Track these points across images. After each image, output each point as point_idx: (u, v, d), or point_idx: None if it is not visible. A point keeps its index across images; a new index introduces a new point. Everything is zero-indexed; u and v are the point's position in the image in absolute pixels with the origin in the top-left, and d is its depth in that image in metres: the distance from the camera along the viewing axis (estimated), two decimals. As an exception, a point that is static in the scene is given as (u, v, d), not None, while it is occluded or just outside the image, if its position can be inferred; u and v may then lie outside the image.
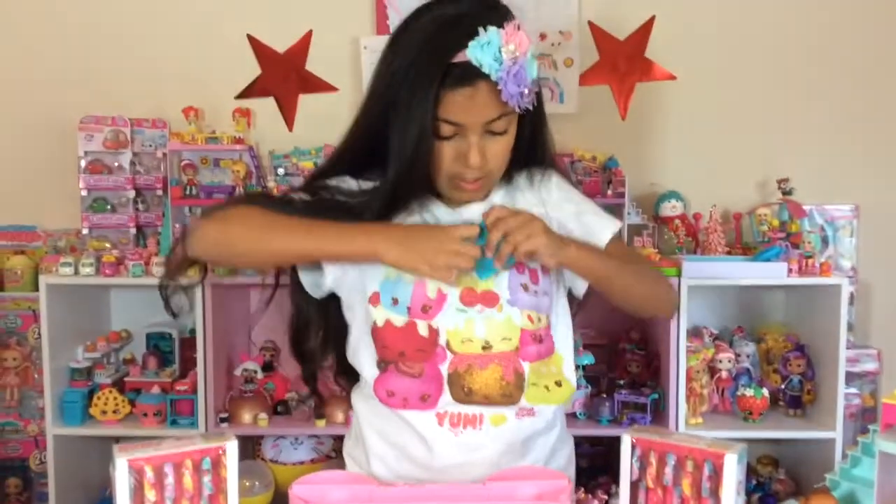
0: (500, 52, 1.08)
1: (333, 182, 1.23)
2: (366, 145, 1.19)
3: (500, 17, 1.11)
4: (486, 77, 1.09)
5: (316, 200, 1.21)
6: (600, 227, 1.28)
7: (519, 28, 1.10)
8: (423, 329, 1.19)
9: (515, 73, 1.08)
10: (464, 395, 1.19)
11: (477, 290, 1.20)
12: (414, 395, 1.20)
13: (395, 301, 1.19)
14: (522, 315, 1.21)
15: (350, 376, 1.31)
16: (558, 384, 1.25)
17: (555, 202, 1.28)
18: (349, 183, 1.23)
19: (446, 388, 1.19)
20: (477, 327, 1.19)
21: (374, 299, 1.21)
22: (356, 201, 1.20)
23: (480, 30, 1.08)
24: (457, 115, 1.12)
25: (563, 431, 1.33)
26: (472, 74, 1.09)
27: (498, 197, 1.26)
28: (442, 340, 1.19)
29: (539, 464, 1.26)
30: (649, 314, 1.56)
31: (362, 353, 1.24)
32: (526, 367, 1.21)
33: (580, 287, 1.30)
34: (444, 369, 1.19)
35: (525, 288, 1.21)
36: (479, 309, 1.19)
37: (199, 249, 1.22)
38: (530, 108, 1.13)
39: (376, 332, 1.21)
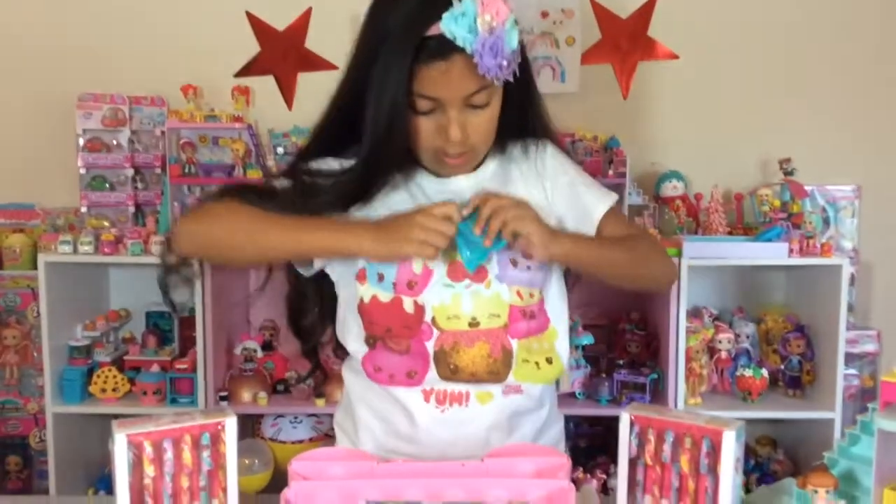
0: (475, 22, 1.05)
1: (314, 165, 1.22)
2: (345, 120, 1.17)
3: None
4: (462, 50, 1.06)
5: (296, 188, 1.20)
6: (594, 202, 1.26)
7: None
8: (408, 305, 1.18)
9: (492, 44, 1.05)
10: (450, 372, 1.19)
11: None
12: (400, 372, 1.20)
13: (381, 277, 1.19)
14: (511, 291, 1.20)
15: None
16: (549, 361, 1.24)
17: (549, 174, 1.26)
18: (330, 164, 1.22)
19: (432, 365, 1.19)
20: (464, 303, 1.18)
21: (361, 276, 1.20)
22: (336, 181, 1.19)
23: (455, 1, 1.05)
24: (432, 89, 1.10)
25: (552, 410, 1.32)
26: (446, 48, 1.06)
27: (491, 167, 1.25)
28: (427, 317, 1.18)
29: (527, 440, 1.25)
30: (643, 290, 1.55)
31: (350, 330, 1.24)
32: (514, 343, 1.20)
33: None
34: (430, 346, 1.19)
35: (514, 263, 1.20)
36: (467, 284, 1.18)
37: (185, 247, 1.22)
38: (511, 79, 1.10)
39: (363, 309, 1.21)
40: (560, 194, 1.26)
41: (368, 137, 1.13)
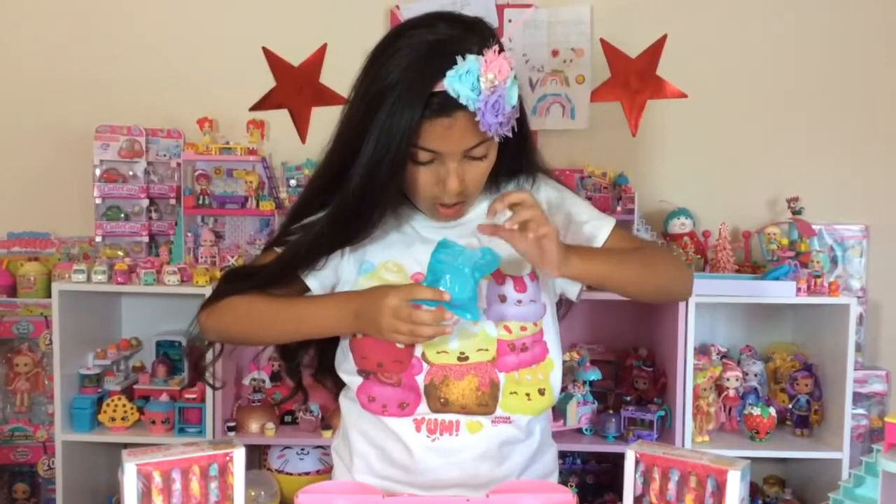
0: (478, 81, 1.06)
1: (307, 222, 1.25)
2: (341, 172, 1.17)
3: (482, 39, 1.09)
4: (465, 107, 1.07)
5: (287, 258, 1.25)
6: (591, 235, 1.27)
7: (501, 51, 1.08)
8: None
9: (494, 102, 1.07)
10: (440, 405, 1.21)
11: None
12: (393, 403, 1.22)
13: None
14: (498, 326, 1.21)
15: (334, 376, 1.34)
16: (541, 392, 1.24)
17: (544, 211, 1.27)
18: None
19: (423, 398, 1.21)
20: (451, 340, 1.20)
21: None
22: (327, 219, 1.21)
23: (459, 59, 1.07)
24: (434, 143, 1.12)
25: (543, 439, 1.32)
26: (450, 105, 1.08)
27: (483, 207, 1.25)
28: (417, 352, 1.21)
29: (517, 469, 1.26)
30: (665, 301, 1.48)
31: (345, 363, 1.27)
32: (501, 377, 1.21)
33: (572, 292, 1.30)
34: (421, 380, 1.21)
35: (503, 299, 1.22)
36: (455, 320, 1.18)
37: (210, 339, 1.35)
38: (509, 135, 1.12)
39: (355, 344, 1.24)
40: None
41: (365, 180, 1.14)
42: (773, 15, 2.49)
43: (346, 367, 1.27)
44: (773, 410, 2.19)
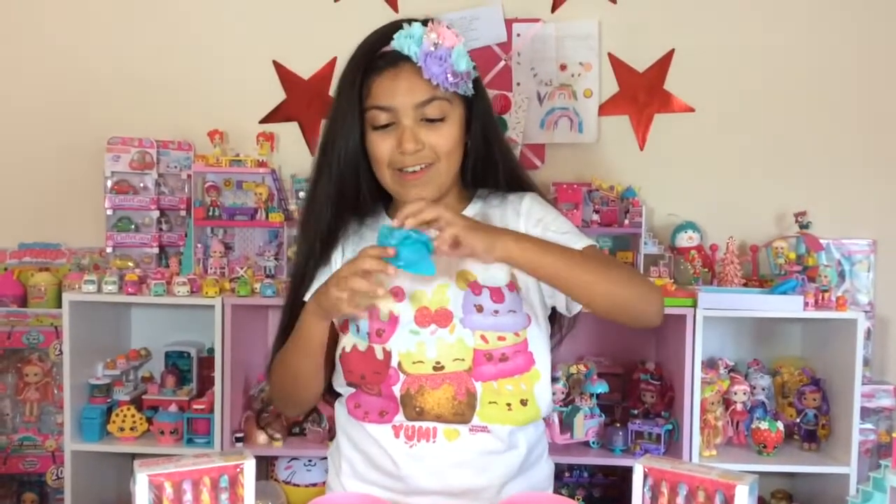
0: (421, 39, 1.16)
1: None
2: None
3: (427, 21, 1.19)
4: (409, 60, 1.17)
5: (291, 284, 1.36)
6: (564, 246, 1.24)
7: (447, 28, 1.17)
8: (379, 353, 1.24)
9: (438, 55, 1.14)
10: (415, 414, 1.23)
11: (431, 308, 1.23)
12: (374, 411, 1.25)
13: (358, 328, 1.25)
14: (475, 336, 1.22)
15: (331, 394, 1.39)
16: (523, 402, 1.24)
17: (523, 219, 1.30)
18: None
19: (400, 408, 1.24)
20: (428, 349, 1.22)
21: (344, 326, 1.27)
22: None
23: (405, 24, 1.18)
24: (384, 98, 1.19)
25: (532, 453, 1.31)
26: (395, 58, 1.19)
27: (470, 214, 1.29)
28: (394, 362, 1.23)
29: (498, 481, 1.25)
30: (629, 321, 1.28)
31: (338, 377, 1.31)
32: (478, 386, 1.22)
33: (561, 303, 1.29)
34: (397, 390, 1.23)
35: (479, 309, 1.23)
36: (432, 330, 1.21)
37: (285, 410, 1.52)
38: (458, 91, 1.20)
39: (343, 358, 1.27)
40: None
41: (337, 152, 1.25)
42: (780, 30, 2.50)
43: (339, 380, 1.31)
44: (780, 425, 2.19)
